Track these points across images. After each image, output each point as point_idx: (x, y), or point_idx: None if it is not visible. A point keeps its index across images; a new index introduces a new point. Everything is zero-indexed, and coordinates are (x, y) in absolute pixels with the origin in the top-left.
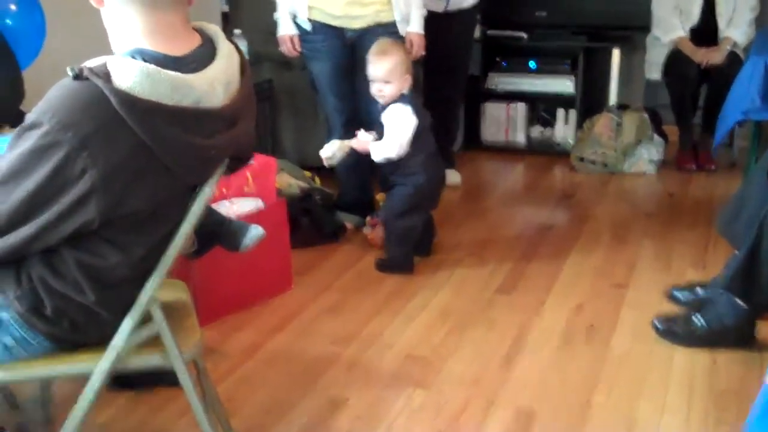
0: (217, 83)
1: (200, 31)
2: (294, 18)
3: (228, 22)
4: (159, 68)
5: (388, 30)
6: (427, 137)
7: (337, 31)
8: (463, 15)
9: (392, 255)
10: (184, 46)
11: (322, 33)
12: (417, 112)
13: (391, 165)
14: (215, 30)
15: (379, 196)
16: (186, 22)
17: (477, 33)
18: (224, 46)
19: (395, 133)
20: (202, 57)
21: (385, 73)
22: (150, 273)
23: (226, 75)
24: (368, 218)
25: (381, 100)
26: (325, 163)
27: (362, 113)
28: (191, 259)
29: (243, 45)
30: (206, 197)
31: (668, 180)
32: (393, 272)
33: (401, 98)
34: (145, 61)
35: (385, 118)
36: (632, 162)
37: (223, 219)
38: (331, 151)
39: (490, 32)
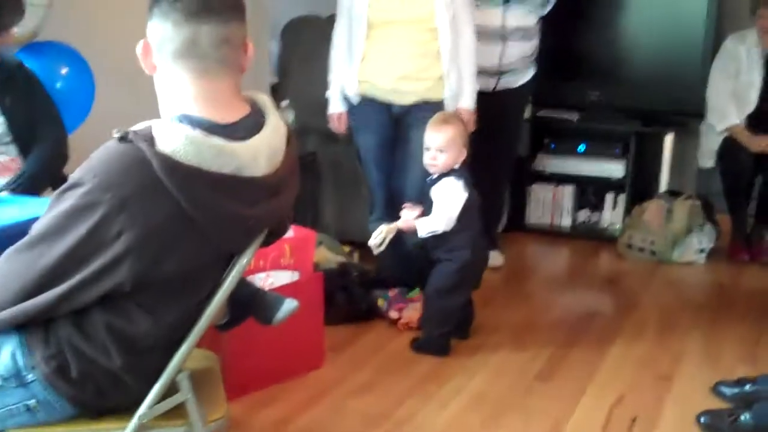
0: (260, 153)
1: (250, 101)
2: (343, 92)
3: (276, 93)
4: (204, 134)
5: (437, 108)
6: (475, 214)
7: (384, 106)
8: (514, 94)
9: (430, 335)
10: (232, 114)
11: (370, 107)
12: (468, 186)
13: (437, 240)
14: (265, 100)
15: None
16: (236, 90)
17: (527, 113)
18: (273, 118)
19: (445, 206)
20: (250, 126)
21: (443, 142)
22: (180, 341)
23: (271, 146)
24: (390, 294)
25: (432, 170)
26: (374, 251)
27: (402, 189)
28: (222, 331)
29: (290, 116)
30: (242, 268)
31: (719, 270)
32: (429, 353)
33: (453, 172)
34: (192, 127)
35: (436, 191)
36: (682, 251)
37: (256, 290)
38: (380, 237)
39: (540, 113)
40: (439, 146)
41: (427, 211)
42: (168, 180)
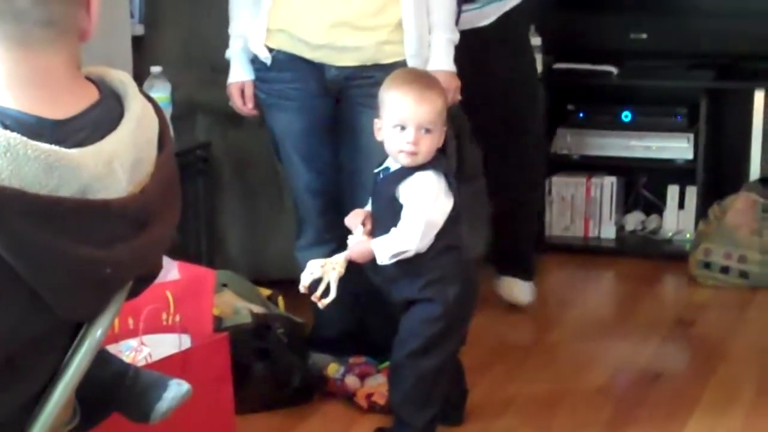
0: (117, 162)
1: (99, 82)
2: (249, 51)
3: (142, 54)
4: (25, 139)
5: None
6: (460, 228)
7: (313, 69)
8: (507, 26)
9: (404, 422)
10: (69, 103)
11: (289, 70)
12: (451, 185)
13: (405, 270)
14: (122, 79)
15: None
16: (72, 66)
17: (539, 66)
18: (135, 105)
19: (420, 215)
20: (99, 121)
21: (431, 116)
22: None
23: (134, 150)
24: (351, 360)
25: (407, 160)
26: (319, 304)
27: (351, 202)
28: None
29: (165, 90)
30: (96, 342)
31: None
32: None
33: (432, 163)
34: (5, 127)
35: (407, 191)
36: None
37: (124, 370)
38: (315, 274)
39: (557, 65)
40: (425, 123)
41: (381, 224)
42: None
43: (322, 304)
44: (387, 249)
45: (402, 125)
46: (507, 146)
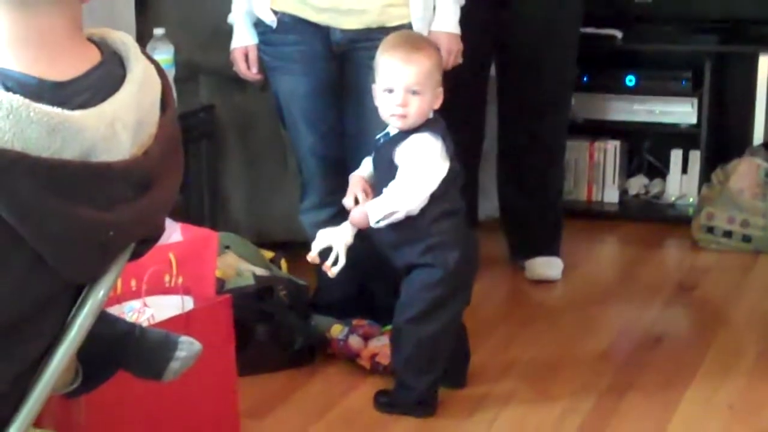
0: (120, 124)
1: (101, 43)
2: (253, 14)
3: (145, 16)
4: (27, 101)
5: None
6: (458, 192)
7: (318, 32)
8: None
9: (405, 385)
10: (71, 65)
11: (294, 32)
12: (448, 150)
13: (402, 234)
14: (124, 41)
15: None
16: (74, 28)
17: None
18: (138, 67)
19: (414, 175)
20: (101, 83)
21: (417, 78)
22: (5, 421)
23: (137, 111)
24: (354, 322)
25: (398, 124)
26: (329, 273)
27: (353, 162)
28: (73, 398)
29: (168, 52)
30: (98, 303)
31: None
32: (405, 414)
33: (429, 125)
34: (7, 89)
35: (403, 153)
36: None
37: (130, 330)
38: (324, 243)
39: None
40: (412, 85)
41: (380, 188)
42: None
43: (332, 272)
44: (378, 210)
45: (390, 88)
46: (534, 114)
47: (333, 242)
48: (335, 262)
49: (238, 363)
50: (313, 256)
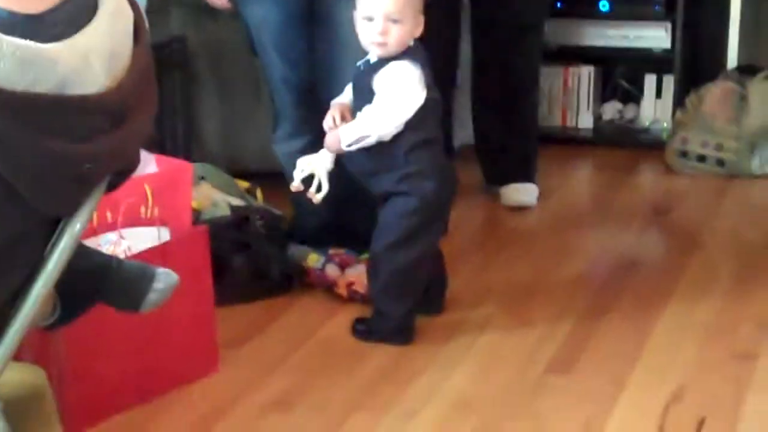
0: (94, 56)
1: None
2: None
3: None
4: (0, 34)
5: None
6: (437, 120)
7: None
8: None
9: (382, 313)
10: None
11: None
12: (426, 78)
13: (378, 162)
14: None
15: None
16: None
17: None
18: None
19: (389, 100)
20: (73, 15)
21: (397, 6)
22: None
23: (110, 42)
24: (331, 251)
25: (379, 51)
26: (314, 199)
27: (325, 92)
28: (51, 330)
29: None
30: (75, 236)
31: None
32: (383, 341)
33: (409, 53)
34: None
35: (381, 79)
36: (765, 157)
37: (107, 262)
38: (305, 171)
39: None
40: (391, 13)
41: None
42: None
43: (317, 199)
44: (350, 134)
45: (370, 16)
46: (508, 46)
47: (314, 169)
48: (318, 189)
49: (215, 293)
50: (296, 185)
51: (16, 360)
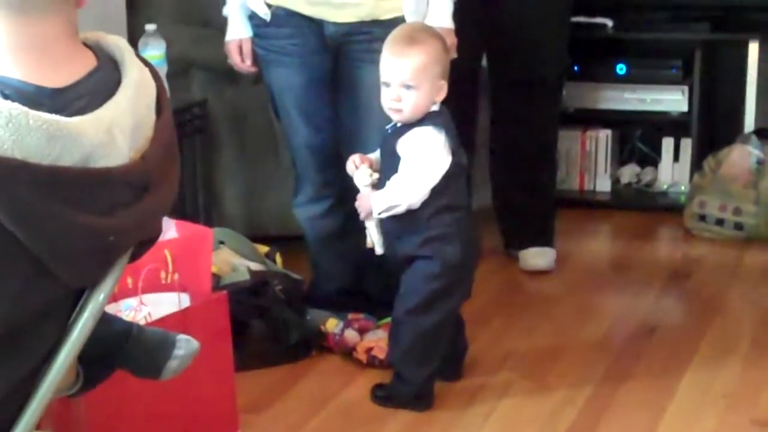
0: (117, 129)
1: (95, 47)
2: (247, 7)
3: (136, 14)
4: (26, 109)
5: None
6: (463, 186)
7: (311, 26)
8: None
9: (403, 377)
10: (68, 71)
11: (288, 26)
12: (452, 143)
13: (402, 226)
14: (119, 45)
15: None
16: (70, 33)
17: None
18: (133, 71)
19: (414, 168)
20: (97, 88)
21: (411, 73)
22: (8, 426)
23: (133, 115)
24: (350, 316)
25: (395, 117)
26: (377, 250)
27: (347, 156)
28: (74, 397)
29: (160, 48)
30: (99, 307)
31: None
32: (402, 407)
33: (432, 118)
34: (5, 96)
35: (404, 146)
36: None
37: (128, 328)
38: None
39: None
40: (405, 80)
41: (385, 178)
42: None
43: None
44: (381, 203)
45: (386, 82)
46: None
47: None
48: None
49: (235, 358)
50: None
51: (38, 430)
